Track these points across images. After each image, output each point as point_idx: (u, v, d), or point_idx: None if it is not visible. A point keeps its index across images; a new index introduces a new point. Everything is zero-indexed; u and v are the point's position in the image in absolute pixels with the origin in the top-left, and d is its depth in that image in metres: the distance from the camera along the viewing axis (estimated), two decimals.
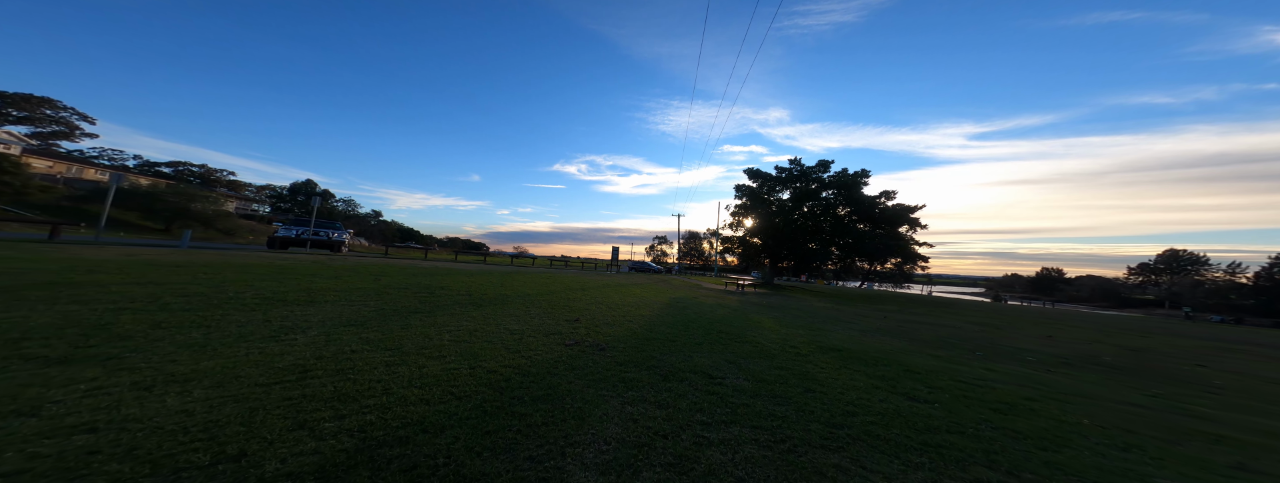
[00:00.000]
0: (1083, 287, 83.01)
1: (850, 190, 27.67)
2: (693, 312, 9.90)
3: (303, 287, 7.45)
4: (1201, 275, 68.80)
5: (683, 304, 11.46)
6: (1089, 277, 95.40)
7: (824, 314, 12.74)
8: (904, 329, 10.54)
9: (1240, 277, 67.66)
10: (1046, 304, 55.33)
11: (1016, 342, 10.27)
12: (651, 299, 12.08)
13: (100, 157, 64.99)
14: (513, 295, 9.50)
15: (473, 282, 11.17)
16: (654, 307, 10.22)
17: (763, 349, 5.97)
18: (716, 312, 10.40)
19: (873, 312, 15.41)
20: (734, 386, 3.99)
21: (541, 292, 10.80)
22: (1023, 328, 14.17)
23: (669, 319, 8.22)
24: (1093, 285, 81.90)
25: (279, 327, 4.69)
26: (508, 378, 3.67)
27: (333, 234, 17.54)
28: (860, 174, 28.34)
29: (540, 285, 12.34)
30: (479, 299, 8.40)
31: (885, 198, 28.39)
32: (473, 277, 12.60)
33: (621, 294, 12.53)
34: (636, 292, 14.15)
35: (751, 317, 10.07)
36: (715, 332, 7.13)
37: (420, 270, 12.97)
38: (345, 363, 3.66)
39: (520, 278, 14.07)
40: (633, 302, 10.80)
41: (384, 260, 15.80)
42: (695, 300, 13.14)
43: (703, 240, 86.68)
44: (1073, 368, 7.25)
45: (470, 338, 5.08)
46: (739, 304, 13.51)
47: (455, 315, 6.46)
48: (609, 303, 9.95)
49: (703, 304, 12.16)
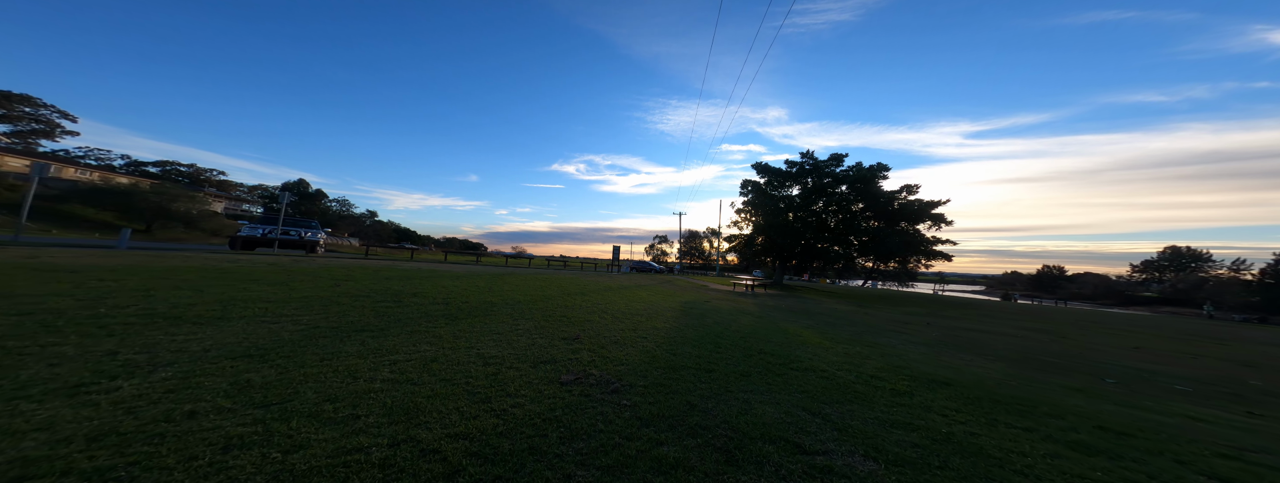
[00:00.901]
0: (1085, 284, 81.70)
1: (866, 185, 26.00)
2: (714, 320, 8.26)
3: (224, 297, 5.78)
4: (1205, 273, 67.54)
5: (699, 311, 9.82)
6: (1088, 274, 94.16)
7: (860, 321, 11.11)
8: (967, 340, 8.92)
9: (1245, 273, 66.46)
10: (1057, 303, 53.81)
11: (1110, 355, 8.67)
12: (661, 304, 10.45)
13: (86, 156, 63.20)
14: (500, 303, 7.85)
15: (455, 286, 9.51)
16: (667, 315, 8.57)
17: (838, 382, 4.32)
18: (741, 320, 8.76)
19: (906, 316, 13.82)
20: (859, 477, 2.32)
21: (535, 297, 9.15)
22: (1087, 336, 12.55)
23: (691, 333, 6.57)
24: (1094, 283, 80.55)
25: (118, 364, 3.03)
26: (454, 469, 2.02)
27: (305, 233, 15.79)
28: (878, 168, 26.50)
29: (534, 289, 10.69)
30: (456, 310, 6.74)
31: (907, 192, 26.52)
32: (458, 279, 10.94)
33: (627, 299, 10.89)
34: (642, 295, 12.52)
35: (785, 326, 8.43)
36: (755, 351, 5.49)
37: (398, 273, 11.29)
38: (139, 447, 2.00)
39: (513, 281, 12.41)
40: (642, 308, 9.17)
41: (362, 262, 14.15)
42: (710, 305, 11.50)
43: (703, 240, 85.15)
44: (1247, 401, 5.64)
45: (421, 376, 3.43)
46: (758, 308, 11.88)
47: (415, 335, 4.80)
48: (614, 311, 8.31)
49: (720, 310, 10.53)
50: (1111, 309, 53.35)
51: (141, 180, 45.35)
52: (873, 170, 26.42)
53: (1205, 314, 44.32)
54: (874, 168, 26.59)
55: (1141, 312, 52.68)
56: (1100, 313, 30.03)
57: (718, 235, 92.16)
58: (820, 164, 27.97)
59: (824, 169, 27.91)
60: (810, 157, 28.51)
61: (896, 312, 15.20)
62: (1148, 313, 49.33)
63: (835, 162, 27.73)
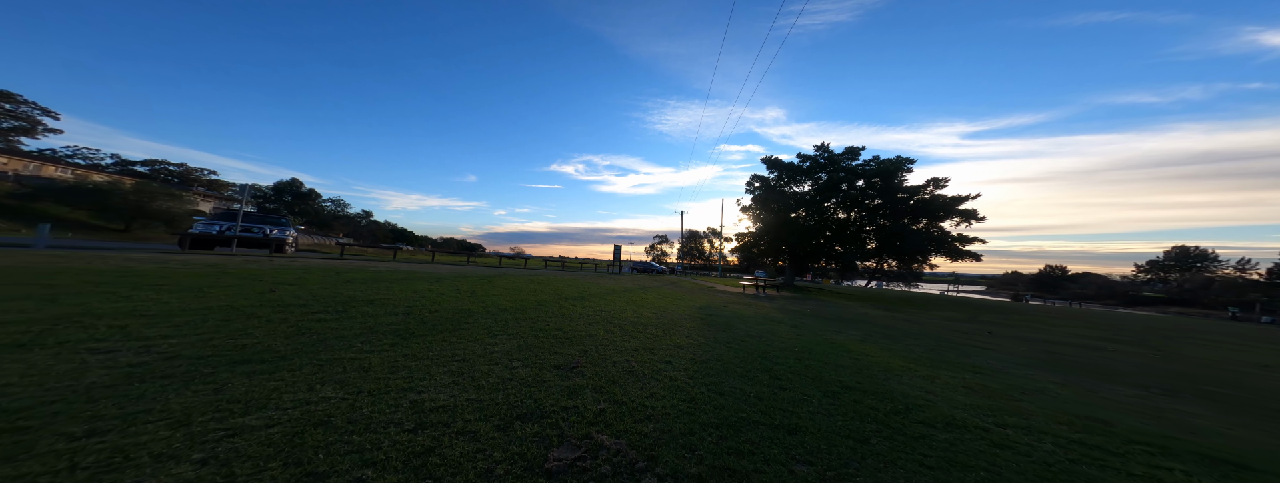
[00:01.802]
0: (1087, 284, 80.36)
1: (886, 179, 24.10)
2: (744, 332, 6.63)
3: (79, 309, 4.12)
4: (1211, 272, 66.25)
5: (721, 319, 8.18)
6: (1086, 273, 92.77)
7: (911, 329, 9.50)
8: (1077, 360, 7.28)
9: (1251, 273, 65.22)
10: (1072, 304, 52.14)
11: (1231, 375, 7.06)
12: (674, 310, 8.81)
13: (74, 155, 61.56)
14: (480, 313, 6.20)
15: (430, 291, 7.85)
16: (686, 325, 6.93)
17: (1025, 453, 2.67)
18: (776, 331, 7.13)
19: (949, 321, 12.21)
20: None
21: (526, 304, 7.51)
22: (1189, 348, 10.86)
23: (728, 353, 4.93)
24: (1098, 283, 79.25)
25: None
26: None
27: (271, 231, 14.12)
28: (900, 162, 24.36)
29: (527, 294, 9.05)
30: (417, 323, 5.09)
31: (933, 186, 24.48)
32: (436, 283, 9.28)
33: (634, 304, 9.25)
34: (650, 298, 10.89)
35: (835, 339, 6.79)
36: (833, 384, 3.86)
37: (365, 276, 9.63)
38: None
39: (503, 283, 10.76)
40: (653, 316, 7.53)
41: (333, 262, 12.45)
42: (727, 309, 9.87)
43: (703, 240, 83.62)
44: None
45: (254, 472, 1.78)
46: (783, 314, 10.26)
47: (327, 368, 3.16)
48: (622, 321, 6.66)
49: (743, 316, 8.91)
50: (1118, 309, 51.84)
51: (121, 179, 43.52)
52: (895, 164, 24.43)
53: (1230, 316, 42.74)
54: (896, 162, 24.55)
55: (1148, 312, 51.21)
56: (1132, 316, 28.37)
57: (718, 235, 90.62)
58: (835, 158, 26.06)
59: (840, 163, 25.95)
60: (825, 150, 26.60)
61: (935, 316, 13.59)
62: (1156, 314, 47.82)
63: (851, 155, 25.91)
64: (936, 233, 23.64)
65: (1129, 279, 78.25)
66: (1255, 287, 60.16)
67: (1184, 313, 53.77)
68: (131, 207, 31.21)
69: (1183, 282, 64.82)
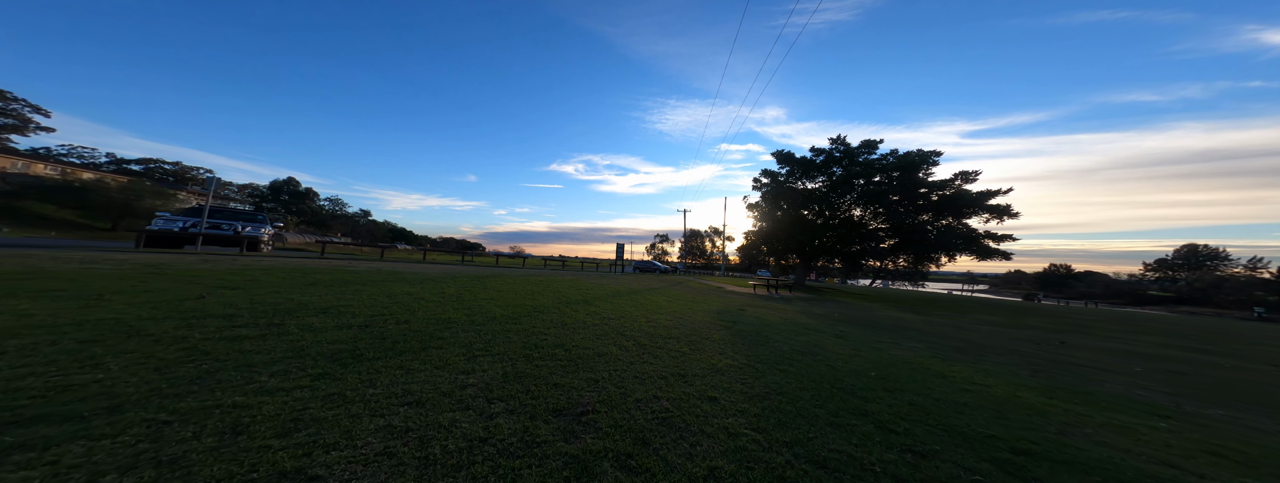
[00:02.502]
0: (1094, 283, 79.10)
1: (908, 173, 22.48)
2: (787, 346, 5.39)
3: None
4: (1221, 271, 64.96)
5: (752, 328, 6.94)
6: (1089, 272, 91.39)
7: (974, 340, 8.26)
8: (1202, 380, 6.02)
9: (1263, 272, 63.93)
10: (1088, 304, 50.69)
11: None
12: (692, 316, 7.59)
13: (69, 154, 60.62)
14: (461, 323, 4.96)
15: (408, 295, 6.63)
16: (714, 338, 5.69)
17: None
18: (826, 344, 5.88)
19: (1000, 327, 10.97)
20: None
21: (520, 310, 6.28)
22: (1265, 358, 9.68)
23: (791, 385, 3.67)
24: (1104, 282, 78.00)
25: None
26: None
27: (243, 227, 12.91)
28: (925, 155, 22.61)
29: (522, 298, 7.82)
30: (370, 342, 3.85)
31: (962, 180, 22.68)
32: (418, 285, 8.06)
33: (645, 309, 8.03)
34: (661, 302, 9.66)
35: (919, 361, 5.51)
36: (1002, 447, 2.62)
37: (336, 278, 8.40)
38: None
39: (497, 285, 9.54)
40: (671, 325, 6.30)
41: (308, 262, 11.15)
42: (748, 314, 8.65)
43: (705, 239, 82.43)
44: None
45: None
46: (815, 320, 9.02)
47: (151, 435, 1.91)
48: (636, 333, 5.43)
49: (771, 323, 7.68)
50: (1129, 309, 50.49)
51: (108, 176, 42.35)
52: (919, 157, 22.65)
53: (1255, 316, 41.39)
54: (920, 155, 22.78)
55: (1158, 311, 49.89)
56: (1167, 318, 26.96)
57: (720, 234, 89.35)
58: (852, 151, 24.43)
59: (857, 157, 24.28)
60: (841, 142, 24.93)
61: (975, 321, 12.33)
62: (1165, 313, 46.49)
63: (868, 148, 24.31)
64: (962, 230, 22.23)
65: (1136, 278, 76.97)
66: (1266, 286, 58.88)
67: (1196, 313, 52.45)
68: (118, 205, 30.05)
69: (1193, 281, 63.50)
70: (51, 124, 50.15)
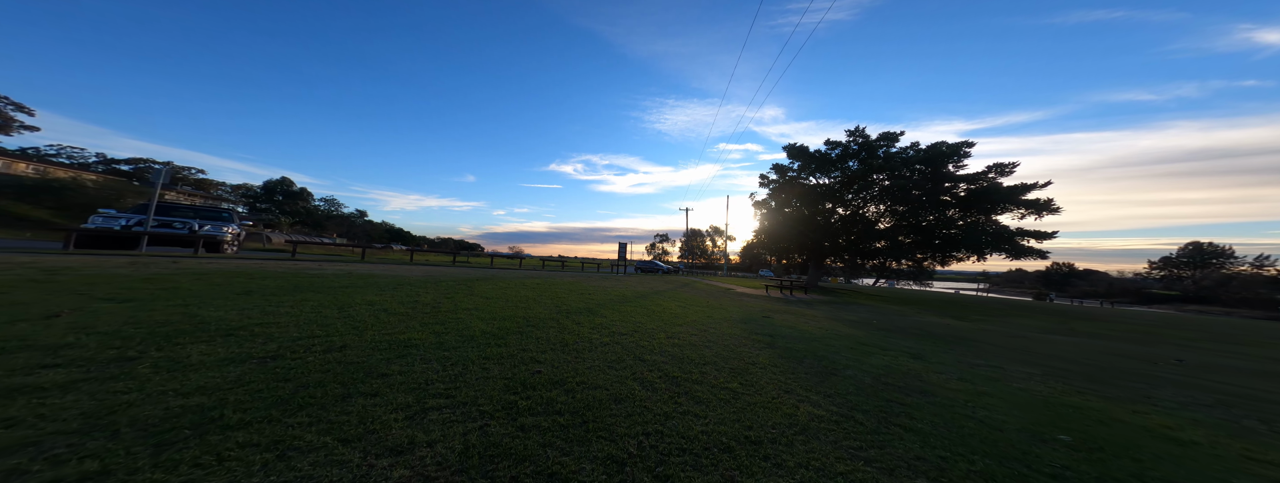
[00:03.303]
0: (1097, 282, 78.00)
1: (934, 167, 20.68)
2: (871, 378, 4.02)
3: None
4: (1227, 269, 63.89)
5: (803, 346, 5.59)
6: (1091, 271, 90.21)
7: (1068, 356, 6.92)
8: None
9: (1268, 269, 62.90)
10: (1102, 304, 49.34)
11: None
12: (719, 329, 6.24)
13: (58, 154, 59.29)
14: (425, 346, 3.61)
15: (367, 306, 5.27)
16: (762, 361, 4.32)
17: None
18: (919, 372, 4.52)
19: (1055, 335, 9.64)
20: None
21: (509, 325, 4.92)
22: None
23: (957, 465, 2.29)
24: (1108, 281, 76.93)
25: None
26: None
27: (201, 226, 11.19)
28: (955, 148, 20.63)
29: (514, 306, 6.46)
30: (260, 392, 2.46)
31: (996, 173, 20.80)
32: (389, 292, 6.70)
33: (659, 318, 6.68)
34: (674, 308, 8.32)
35: (1111, 412, 4.09)
36: None
37: (292, 283, 7.04)
38: None
39: (486, 290, 8.18)
40: (698, 342, 4.94)
41: (273, 264, 9.67)
42: (792, 328, 7.30)
43: (706, 238, 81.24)
44: None
45: None
46: (867, 332, 7.67)
47: None
48: (659, 357, 4.06)
49: (812, 335, 6.33)
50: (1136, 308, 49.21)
51: (86, 175, 40.91)
52: (950, 149, 20.68)
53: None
54: (950, 147, 20.75)
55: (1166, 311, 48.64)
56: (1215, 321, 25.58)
57: (721, 234, 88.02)
58: (871, 143, 22.48)
59: (876, 149, 22.31)
60: (860, 134, 22.92)
61: (1026, 328, 10.99)
62: (1174, 312, 45.19)
63: (888, 140, 22.43)
64: (991, 227, 20.54)
65: (1142, 277, 75.91)
66: (1273, 284, 57.78)
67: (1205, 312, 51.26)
68: (99, 204, 28.64)
69: (1200, 279, 62.38)
70: (37, 123, 48.60)
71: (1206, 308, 56.46)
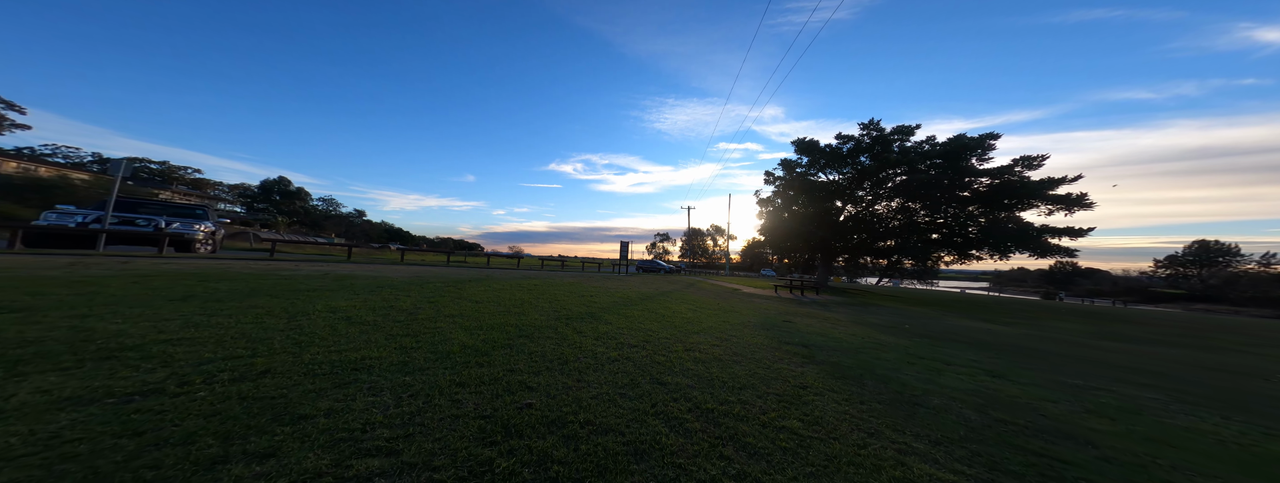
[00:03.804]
0: (1102, 281, 77.12)
1: (953, 161, 19.46)
2: (975, 411, 3.15)
3: None
4: (1233, 268, 63.03)
5: (861, 365, 4.73)
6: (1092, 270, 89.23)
7: (1141, 367, 6.06)
8: None
9: (1276, 267, 62.02)
10: (1114, 303, 48.37)
11: None
12: (743, 338, 5.38)
13: (54, 154, 58.72)
14: (381, 368, 2.73)
15: (327, 312, 4.42)
16: (816, 385, 3.45)
17: None
18: (1018, 398, 3.66)
19: (1114, 341, 8.78)
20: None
21: (495, 339, 4.08)
22: None
23: None
24: (1113, 279, 76.06)
25: None
26: None
27: (169, 223, 10.20)
28: (979, 140, 19.39)
29: (505, 313, 5.62)
30: (85, 461, 1.59)
31: (1023, 166, 19.58)
32: (364, 295, 5.85)
33: (671, 324, 5.83)
34: (684, 311, 7.47)
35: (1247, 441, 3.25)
36: None
37: (249, 287, 6.19)
38: None
39: (475, 293, 7.33)
40: (728, 359, 4.09)
41: (248, 264, 8.80)
42: (823, 335, 6.44)
43: (707, 237, 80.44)
44: None
45: None
46: (920, 344, 6.80)
47: None
48: (683, 381, 3.19)
49: (856, 347, 5.47)
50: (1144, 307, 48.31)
51: (74, 173, 40.08)
52: (973, 142, 19.40)
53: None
54: (971, 139, 19.47)
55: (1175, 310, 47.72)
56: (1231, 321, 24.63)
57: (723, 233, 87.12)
58: (885, 137, 21.30)
59: (891, 143, 21.10)
60: (873, 127, 21.78)
61: (1066, 331, 10.12)
62: (1184, 312, 44.27)
63: (902, 134, 21.37)
64: (1013, 226, 19.40)
65: (1148, 275, 75.04)
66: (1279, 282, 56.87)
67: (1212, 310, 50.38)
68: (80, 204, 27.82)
69: (1208, 278, 61.48)
70: (30, 121, 47.88)
71: (1214, 307, 55.58)
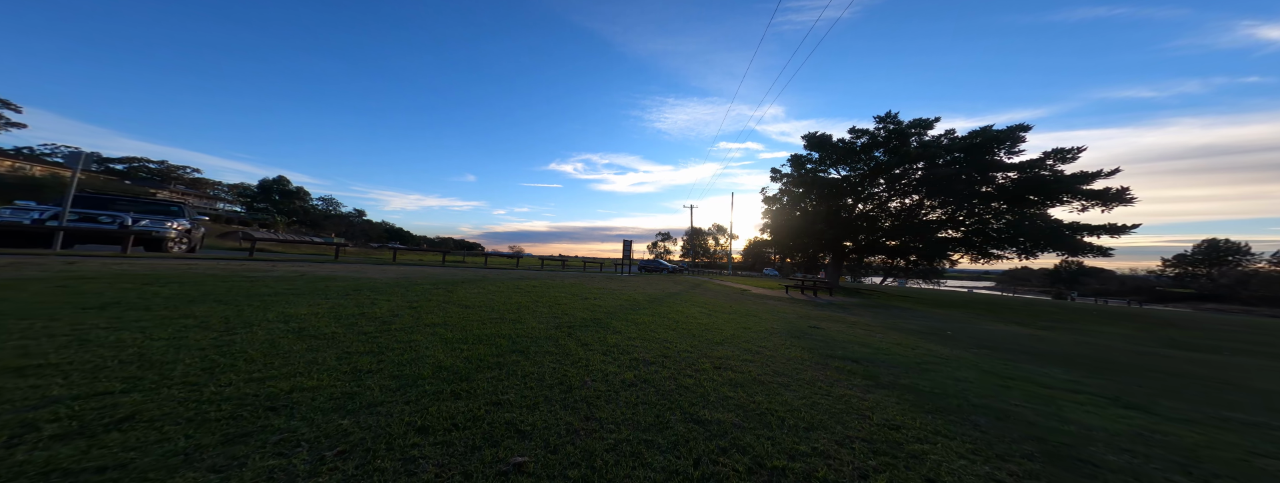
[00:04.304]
0: (1109, 280, 76.07)
1: (976, 156, 18.18)
2: (1147, 473, 2.36)
3: None
4: (1244, 267, 62.00)
5: (920, 381, 3.93)
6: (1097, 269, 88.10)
7: (1256, 386, 5.27)
8: None
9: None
10: (1129, 304, 47.35)
11: None
12: (778, 350, 4.60)
13: (53, 153, 58.49)
14: (313, 404, 1.94)
15: (277, 323, 3.64)
16: (915, 425, 2.65)
17: None
18: (1206, 444, 2.86)
19: (1173, 349, 7.98)
20: None
21: (483, 355, 3.29)
22: None
23: None
24: (1120, 278, 75.01)
25: None
26: None
27: (135, 221, 9.25)
28: (1010, 132, 18.14)
29: (497, 321, 4.85)
30: None
31: (1057, 159, 17.99)
32: (337, 300, 5.08)
33: (689, 333, 5.04)
34: (699, 316, 6.69)
35: None
36: None
37: (208, 290, 5.42)
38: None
39: (466, 296, 6.56)
40: (773, 381, 3.29)
41: (218, 265, 7.99)
42: (865, 344, 5.66)
43: (708, 236, 79.63)
44: None
45: None
46: (979, 354, 6.03)
47: None
48: (726, 414, 2.39)
49: (904, 357, 4.68)
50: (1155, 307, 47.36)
51: (66, 172, 39.49)
52: (1004, 135, 18.21)
53: None
54: (999, 132, 18.23)
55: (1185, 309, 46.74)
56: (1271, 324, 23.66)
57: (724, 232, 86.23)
58: (903, 131, 20.09)
59: (908, 137, 19.97)
60: (890, 120, 20.63)
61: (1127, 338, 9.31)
62: (1190, 310, 43.27)
63: (921, 127, 20.19)
64: (1040, 223, 18.10)
65: (1156, 274, 73.99)
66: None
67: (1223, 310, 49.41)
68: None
69: (1218, 277, 60.44)
70: (25, 120, 47.39)
71: (1225, 306, 54.60)
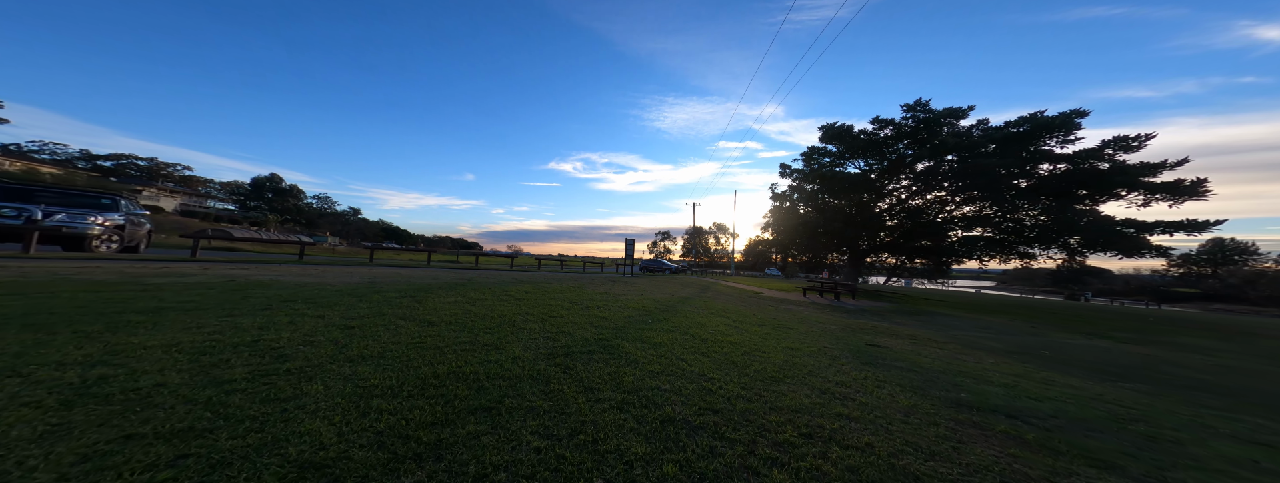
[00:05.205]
0: (1113, 280, 74.98)
1: (1022, 145, 16.23)
2: None
3: None
4: (1250, 266, 60.93)
5: (1105, 441, 2.60)
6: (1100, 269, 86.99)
7: None
8: None
9: None
10: (1147, 305, 46.08)
11: None
12: (860, 387, 3.29)
13: (41, 150, 57.34)
14: None
15: (176, 346, 2.28)
16: None
17: None
18: None
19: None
20: None
21: (415, 427, 1.95)
22: None
23: None
24: (1125, 278, 73.90)
25: None
26: None
27: (49, 215, 7.84)
28: (1066, 118, 16.03)
29: (470, 347, 3.54)
30: None
31: (1119, 148, 16.09)
32: (262, 315, 3.76)
33: (730, 363, 3.75)
34: (723, 329, 5.41)
35: None
36: None
37: (85, 302, 4.09)
38: None
39: (440, 304, 5.27)
40: (893, 460, 1.99)
41: (134, 267, 6.70)
42: (949, 370, 4.36)
43: (709, 236, 78.34)
44: None
45: None
46: (1117, 390, 4.74)
47: None
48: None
49: (1040, 398, 3.39)
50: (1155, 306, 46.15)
51: (44, 168, 38.16)
52: (1054, 121, 16.11)
53: None
54: (1050, 119, 16.13)
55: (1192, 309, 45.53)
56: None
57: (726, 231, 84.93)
58: (934, 119, 18.08)
59: (939, 126, 18.08)
60: (922, 107, 18.50)
61: (1229, 352, 8.04)
62: (1202, 311, 42.00)
63: (953, 116, 18.32)
64: (1091, 219, 16.18)
65: (1160, 273, 72.90)
66: None
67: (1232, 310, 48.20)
68: None
69: (1226, 277, 59.33)
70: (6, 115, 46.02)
71: (1233, 306, 53.46)
